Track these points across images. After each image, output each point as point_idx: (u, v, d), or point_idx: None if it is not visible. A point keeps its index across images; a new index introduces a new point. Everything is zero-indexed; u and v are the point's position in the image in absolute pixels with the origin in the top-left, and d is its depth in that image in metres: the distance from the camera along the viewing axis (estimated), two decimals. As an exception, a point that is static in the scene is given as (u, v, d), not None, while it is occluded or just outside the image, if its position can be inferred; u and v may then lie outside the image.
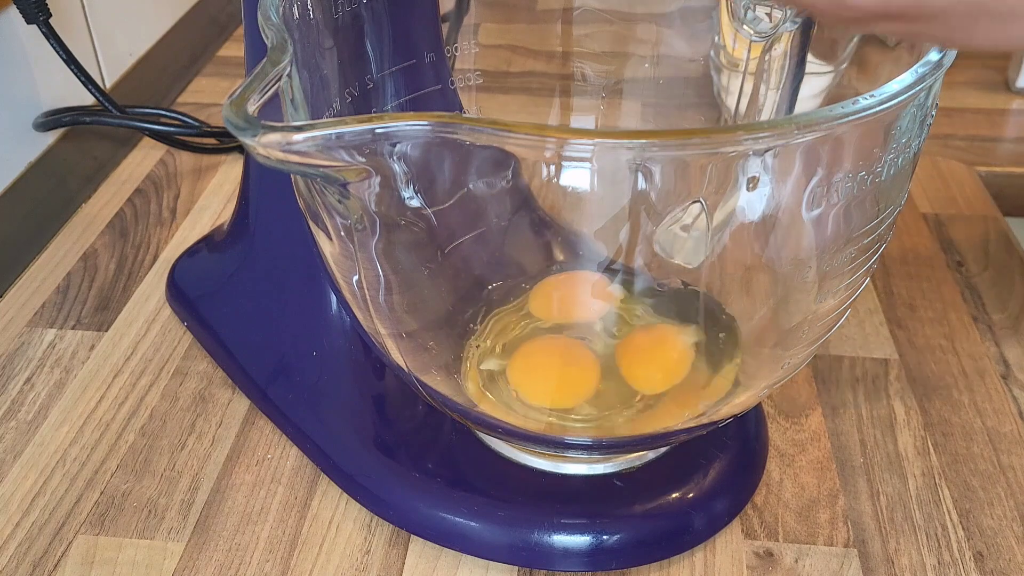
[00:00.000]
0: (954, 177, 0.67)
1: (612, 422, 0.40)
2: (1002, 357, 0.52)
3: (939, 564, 0.41)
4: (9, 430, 0.47)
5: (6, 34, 0.59)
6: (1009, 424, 0.47)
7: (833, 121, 0.27)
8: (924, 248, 0.60)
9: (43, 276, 0.57)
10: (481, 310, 0.45)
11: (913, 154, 0.32)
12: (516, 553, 0.40)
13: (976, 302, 0.56)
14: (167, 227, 0.62)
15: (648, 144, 0.28)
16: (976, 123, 0.74)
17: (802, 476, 0.45)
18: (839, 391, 0.49)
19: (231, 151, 0.69)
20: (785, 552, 0.41)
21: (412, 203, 0.33)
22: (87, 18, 0.67)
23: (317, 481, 0.44)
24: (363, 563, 0.41)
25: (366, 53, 0.41)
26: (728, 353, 0.42)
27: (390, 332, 0.38)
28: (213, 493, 0.44)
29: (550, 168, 0.34)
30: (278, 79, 0.28)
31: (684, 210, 0.34)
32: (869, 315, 0.54)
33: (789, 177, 0.31)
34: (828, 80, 0.40)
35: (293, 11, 0.35)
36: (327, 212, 0.33)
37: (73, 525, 0.42)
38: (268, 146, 0.26)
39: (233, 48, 0.86)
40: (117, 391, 0.49)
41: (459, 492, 0.41)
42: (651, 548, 0.40)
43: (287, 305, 0.48)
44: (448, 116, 0.27)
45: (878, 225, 0.33)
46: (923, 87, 0.29)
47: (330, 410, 0.45)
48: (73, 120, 0.63)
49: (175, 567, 0.40)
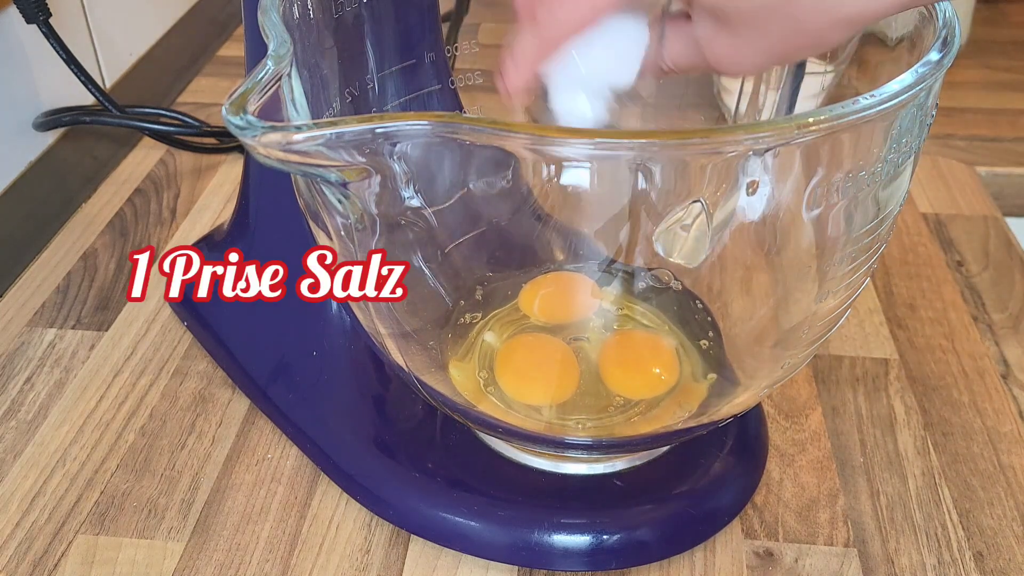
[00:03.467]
0: (954, 177, 0.67)
1: (598, 423, 0.40)
2: (1002, 357, 0.52)
3: (939, 564, 0.41)
4: (9, 430, 0.47)
5: (6, 34, 0.59)
6: (1009, 424, 0.47)
7: (833, 121, 0.27)
8: (924, 248, 0.60)
9: (43, 276, 0.57)
10: (481, 310, 0.45)
11: (913, 154, 0.32)
12: (516, 553, 0.40)
13: (976, 302, 0.56)
14: (167, 227, 0.62)
15: (648, 144, 0.28)
16: (976, 123, 0.74)
17: (802, 476, 0.45)
18: (839, 391, 0.49)
19: (231, 151, 0.69)
20: (785, 552, 0.41)
21: (412, 203, 0.33)
22: (87, 18, 0.67)
23: (317, 481, 0.44)
24: (363, 563, 0.41)
25: (366, 53, 0.41)
26: (712, 359, 0.42)
27: (390, 332, 0.38)
28: (213, 493, 0.44)
29: (550, 168, 0.34)
30: (278, 79, 0.28)
31: (684, 210, 0.34)
32: (869, 315, 0.54)
33: (789, 177, 0.31)
34: (828, 80, 0.40)
35: (293, 11, 0.35)
36: (327, 212, 0.33)
37: (73, 525, 0.42)
38: (268, 146, 0.26)
39: (233, 48, 0.86)
40: (117, 391, 0.49)
41: (459, 492, 0.41)
42: (651, 548, 0.40)
43: (287, 305, 0.48)
44: (448, 116, 0.27)
45: (878, 225, 0.33)
46: (923, 87, 0.29)
47: (330, 410, 0.45)
48: (73, 120, 0.63)
49: (175, 567, 0.40)
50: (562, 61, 0.32)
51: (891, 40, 0.36)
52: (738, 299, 0.41)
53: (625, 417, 0.40)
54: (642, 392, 0.41)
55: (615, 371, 0.42)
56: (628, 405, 0.41)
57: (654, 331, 0.44)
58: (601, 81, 0.34)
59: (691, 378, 0.42)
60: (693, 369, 0.42)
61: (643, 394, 0.41)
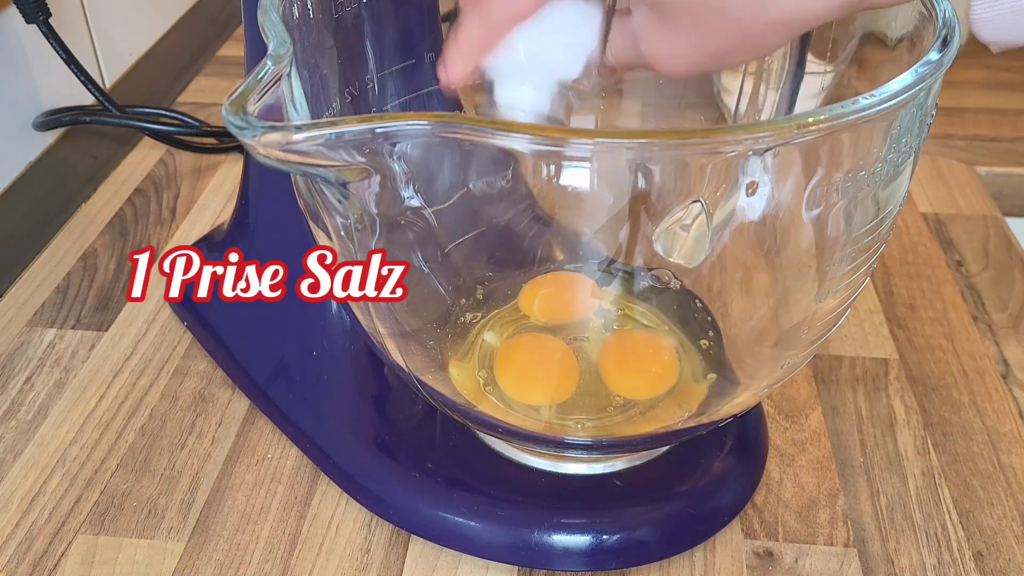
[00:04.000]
0: (954, 177, 0.67)
1: (598, 423, 0.40)
2: (1002, 357, 0.52)
3: (939, 564, 0.41)
4: (9, 430, 0.47)
5: (6, 34, 0.59)
6: (1009, 424, 0.47)
7: (833, 121, 0.27)
8: (924, 248, 0.60)
9: (43, 276, 0.57)
10: (481, 309, 0.45)
11: (913, 154, 0.32)
12: (516, 553, 0.40)
13: (976, 302, 0.56)
14: (167, 227, 0.62)
15: (648, 144, 0.28)
16: (976, 123, 0.74)
17: (802, 476, 0.45)
18: (839, 391, 0.49)
19: (231, 151, 0.69)
20: (785, 552, 0.41)
21: (412, 203, 0.33)
22: (87, 18, 0.67)
23: (317, 481, 0.44)
24: (363, 563, 0.41)
25: (366, 53, 0.41)
26: (712, 360, 0.42)
27: (390, 332, 0.38)
28: (213, 493, 0.44)
29: (550, 168, 0.34)
30: (278, 79, 0.28)
31: (684, 210, 0.34)
32: (869, 315, 0.54)
33: (789, 177, 0.31)
34: (828, 80, 0.40)
35: (293, 11, 0.35)
36: (327, 212, 0.33)
37: (73, 525, 0.42)
38: (268, 146, 0.26)
39: (233, 48, 0.86)
40: (117, 391, 0.49)
41: (459, 492, 0.41)
42: (651, 548, 0.40)
43: (287, 305, 0.48)
44: (448, 116, 0.27)
45: (878, 225, 0.33)
46: (923, 87, 0.29)
47: (330, 410, 0.45)
48: (73, 120, 0.63)
49: (175, 567, 0.40)
50: (506, 51, 0.32)
51: (891, 40, 0.36)
52: (738, 299, 0.41)
53: (625, 417, 0.40)
54: (642, 392, 0.41)
55: (615, 371, 0.42)
56: (628, 405, 0.41)
57: (654, 331, 0.44)
58: (546, 72, 0.33)
59: (691, 378, 0.42)
60: (693, 369, 0.42)
61: (643, 394, 0.41)
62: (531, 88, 0.33)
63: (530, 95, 0.34)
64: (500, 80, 0.33)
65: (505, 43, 0.32)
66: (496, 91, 0.33)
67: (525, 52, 0.32)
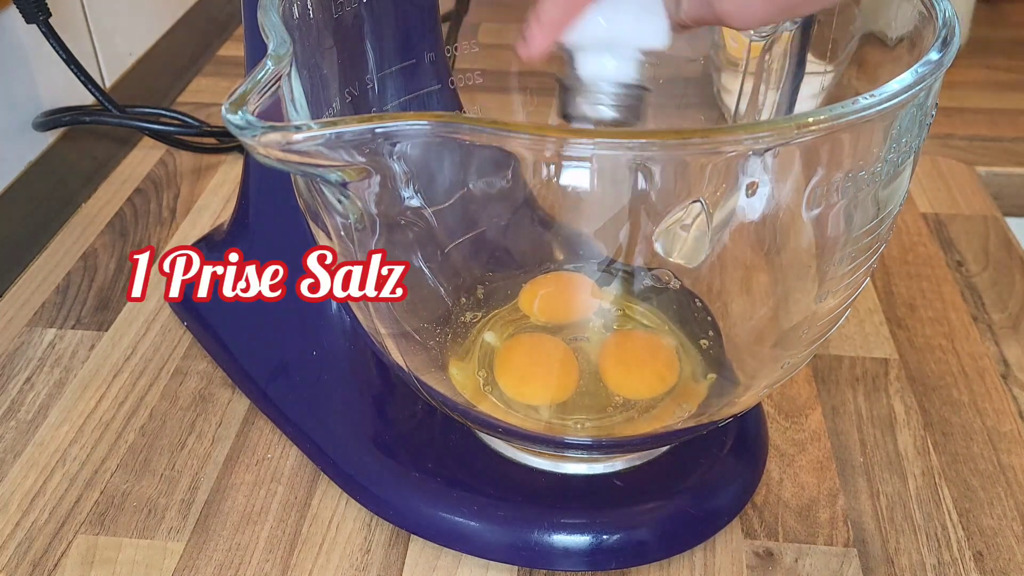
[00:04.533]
0: (954, 177, 0.67)
1: (598, 423, 0.40)
2: (1002, 357, 0.52)
3: (939, 564, 0.41)
4: (9, 430, 0.47)
5: (6, 34, 0.59)
6: (1009, 424, 0.47)
7: (833, 121, 0.27)
8: (924, 248, 0.60)
9: (43, 276, 0.57)
10: (481, 309, 0.45)
11: (913, 154, 0.32)
12: (516, 553, 0.40)
13: (976, 302, 0.56)
14: (167, 227, 0.62)
15: (648, 144, 0.28)
16: (976, 123, 0.74)
17: (802, 476, 0.45)
18: (839, 391, 0.49)
19: (231, 151, 0.69)
20: (785, 552, 0.41)
21: (412, 203, 0.33)
22: (87, 18, 0.67)
23: (317, 481, 0.44)
24: (363, 563, 0.41)
25: (366, 53, 0.41)
26: (712, 359, 0.42)
27: (390, 332, 0.38)
28: (213, 493, 0.44)
29: (550, 168, 0.34)
30: (278, 79, 0.28)
31: (684, 210, 0.34)
32: (869, 315, 0.54)
33: (789, 177, 0.31)
34: (828, 80, 0.40)
35: (293, 11, 0.35)
36: (327, 212, 0.33)
37: (73, 525, 0.42)
38: (268, 146, 0.26)
39: (233, 48, 0.86)
40: (117, 391, 0.49)
41: (459, 492, 0.41)
42: (651, 548, 0.40)
43: (287, 305, 0.48)
44: (448, 116, 0.27)
45: (878, 225, 0.33)
46: (923, 87, 0.29)
47: (330, 410, 0.45)
48: (73, 120, 0.63)
49: (175, 567, 0.40)
50: (586, 23, 0.32)
51: (891, 40, 0.36)
52: (738, 299, 0.41)
53: (625, 417, 0.40)
54: (642, 392, 0.41)
55: (615, 371, 0.42)
56: (628, 405, 0.41)
57: (654, 331, 0.44)
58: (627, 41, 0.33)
59: (691, 378, 0.42)
60: (693, 369, 0.42)
61: (643, 394, 0.41)
62: (613, 58, 0.33)
63: (613, 65, 0.33)
64: (582, 53, 0.33)
65: (585, 15, 0.32)
66: (578, 64, 0.33)
67: (605, 22, 0.32)
